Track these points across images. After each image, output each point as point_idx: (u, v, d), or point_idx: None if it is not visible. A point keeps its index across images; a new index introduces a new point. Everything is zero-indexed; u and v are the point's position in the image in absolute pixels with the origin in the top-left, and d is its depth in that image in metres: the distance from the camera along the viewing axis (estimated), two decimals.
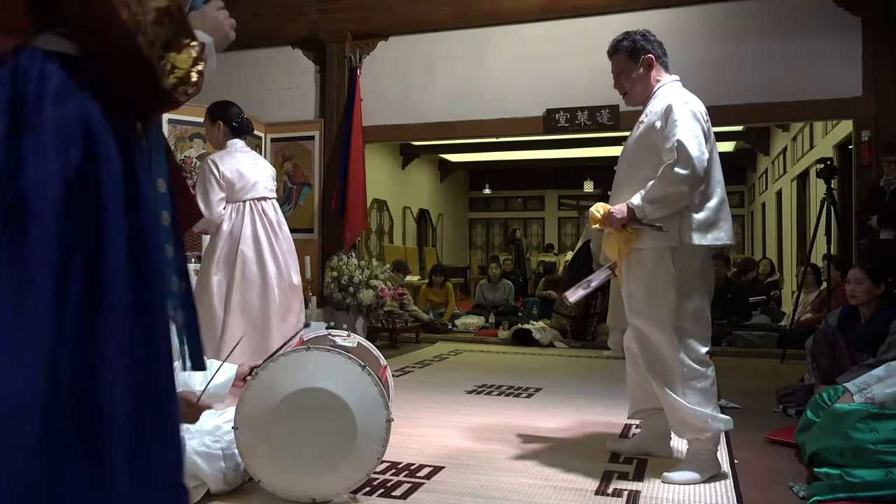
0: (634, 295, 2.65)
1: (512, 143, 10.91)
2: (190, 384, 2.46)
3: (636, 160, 2.67)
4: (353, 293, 6.33)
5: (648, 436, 2.86)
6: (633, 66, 2.72)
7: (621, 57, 2.76)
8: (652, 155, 2.58)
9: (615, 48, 2.78)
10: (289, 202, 7.19)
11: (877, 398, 2.54)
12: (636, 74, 2.72)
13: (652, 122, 2.61)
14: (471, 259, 16.79)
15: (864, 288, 3.55)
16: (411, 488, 2.41)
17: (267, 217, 3.51)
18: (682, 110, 2.52)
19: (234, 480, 2.30)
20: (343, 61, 7.03)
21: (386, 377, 2.62)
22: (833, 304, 5.49)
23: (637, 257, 2.61)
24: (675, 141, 2.47)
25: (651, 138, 2.59)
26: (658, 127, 2.56)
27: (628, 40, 2.76)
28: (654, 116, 2.61)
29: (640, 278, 2.62)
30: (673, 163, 2.45)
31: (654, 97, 2.71)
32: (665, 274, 2.55)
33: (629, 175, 2.68)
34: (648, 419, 2.86)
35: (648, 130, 2.62)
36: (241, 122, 3.58)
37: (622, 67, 2.75)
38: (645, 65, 2.72)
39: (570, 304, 2.80)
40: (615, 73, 2.79)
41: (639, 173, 2.62)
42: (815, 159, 6.17)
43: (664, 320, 2.55)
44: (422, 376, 4.91)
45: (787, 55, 5.87)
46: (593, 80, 6.39)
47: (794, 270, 9.04)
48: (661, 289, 2.56)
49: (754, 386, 4.45)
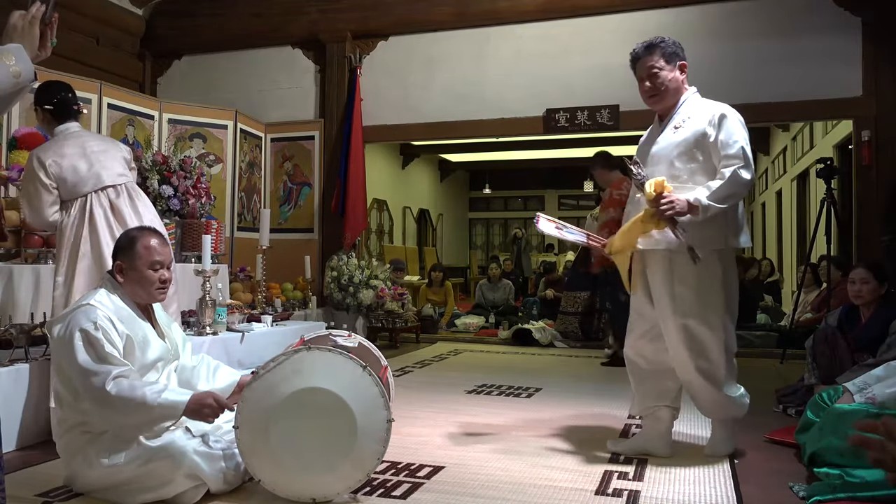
0: (683, 296, 2.72)
1: (512, 143, 10.90)
2: (192, 384, 2.48)
3: (679, 162, 2.72)
4: (353, 293, 6.33)
5: (650, 436, 2.89)
6: (668, 68, 2.77)
7: (656, 56, 2.77)
8: (697, 158, 2.70)
9: (649, 47, 2.79)
10: (289, 202, 7.19)
11: (877, 398, 2.54)
12: (672, 77, 2.77)
13: (699, 128, 2.69)
14: (471, 259, 16.79)
15: (870, 288, 3.55)
16: (411, 488, 2.41)
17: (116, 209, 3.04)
18: (736, 119, 2.69)
19: (235, 480, 2.30)
20: (343, 61, 7.03)
21: (387, 377, 2.62)
22: (833, 304, 5.49)
23: (683, 259, 2.66)
24: (740, 148, 2.61)
25: (699, 145, 2.69)
26: (709, 133, 2.66)
27: (665, 42, 2.79)
28: (698, 123, 2.70)
29: (688, 280, 2.70)
30: (740, 166, 2.57)
31: (683, 104, 2.80)
32: (713, 275, 2.71)
33: (670, 176, 2.69)
34: (649, 418, 2.90)
35: (696, 135, 2.69)
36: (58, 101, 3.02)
37: (657, 66, 2.76)
38: (679, 70, 2.79)
39: (538, 231, 2.77)
40: (646, 72, 2.78)
41: (680, 177, 2.70)
42: (815, 159, 6.17)
43: (716, 319, 2.71)
44: (422, 376, 4.91)
45: (787, 55, 5.87)
46: (593, 80, 6.41)
47: (794, 270, 9.04)
48: (710, 289, 2.71)
49: (754, 386, 4.43)
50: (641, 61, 2.80)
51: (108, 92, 5.70)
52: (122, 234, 2.51)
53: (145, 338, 2.35)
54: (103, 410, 2.15)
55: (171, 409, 2.15)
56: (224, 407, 2.21)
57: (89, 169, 3.02)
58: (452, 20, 6.75)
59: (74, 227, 3.00)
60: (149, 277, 2.36)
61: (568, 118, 6.47)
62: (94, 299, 2.29)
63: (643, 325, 2.89)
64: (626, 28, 6.35)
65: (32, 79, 1.45)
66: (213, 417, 2.21)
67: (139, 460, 2.16)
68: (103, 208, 3.03)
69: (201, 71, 7.59)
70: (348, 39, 7.02)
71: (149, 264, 2.36)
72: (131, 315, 2.34)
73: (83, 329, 2.18)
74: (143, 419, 2.16)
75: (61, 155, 2.99)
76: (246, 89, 7.31)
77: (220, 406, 2.20)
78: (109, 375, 2.13)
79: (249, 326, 4.33)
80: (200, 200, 4.69)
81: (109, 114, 5.68)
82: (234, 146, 6.67)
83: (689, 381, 2.79)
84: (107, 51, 7.16)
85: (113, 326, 2.23)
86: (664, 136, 2.79)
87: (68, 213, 3.01)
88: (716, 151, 2.65)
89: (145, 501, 2.19)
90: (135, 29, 7.51)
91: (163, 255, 2.40)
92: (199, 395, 2.20)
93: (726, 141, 2.63)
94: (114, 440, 2.20)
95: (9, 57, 1.40)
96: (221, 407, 2.20)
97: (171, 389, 2.23)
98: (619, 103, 6.26)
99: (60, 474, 2.37)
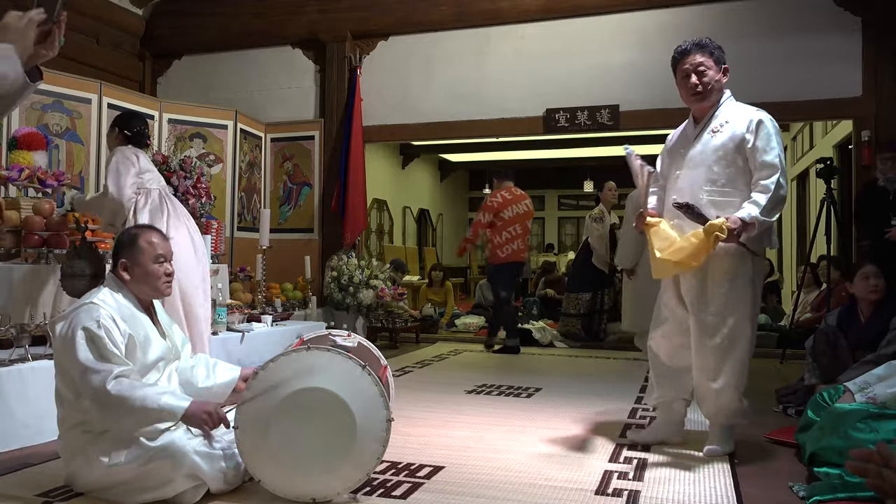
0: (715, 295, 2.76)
1: (512, 143, 10.90)
2: (193, 382, 2.48)
3: (717, 167, 2.76)
4: (353, 293, 6.33)
5: (665, 425, 3.02)
6: (715, 69, 2.82)
7: (706, 55, 2.81)
8: (736, 163, 2.74)
9: (700, 45, 2.82)
10: (289, 202, 7.20)
11: (878, 398, 2.54)
12: (717, 78, 2.82)
13: (738, 133, 2.73)
14: (471, 259, 16.77)
15: (884, 284, 3.57)
16: (411, 488, 2.41)
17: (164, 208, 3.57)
18: (773, 126, 2.74)
19: (235, 480, 2.30)
20: (343, 61, 7.04)
21: (386, 377, 2.62)
22: (833, 304, 5.49)
23: (716, 261, 2.72)
24: (776, 156, 2.67)
25: (738, 149, 2.73)
26: (747, 139, 2.71)
27: (713, 44, 2.85)
28: (737, 128, 2.75)
29: (722, 280, 2.75)
30: (780, 175, 2.64)
31: (721, 106, 2.85)
32: (747, 276, 2.77)
33: (707, 180, 2.76)
34: (664, 409, 3.03)
35: (735, 141, 2.73)
36: (137, 132, 3.63)
37: (706, 65, 2.80)
38: (723, 73, 2.85)
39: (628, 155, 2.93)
40: (693, 67, 2.80)
41: (718, 181, 2.75)
42: (815, 159, 6.17)
43: (749, 319, 2.77)
44: (422, 376, 4.91)
45: (787, 55, 5.87)
46: (593, 80, 6.41)
47: (794, 270, 9.04)
48: (742, 289, 2.76)
49: (754, 386, 4.43)
50: (690, 57, 2.82)
51: (107, 92, 5.70)
52: (122, 233, 2.55)
53: (147, 337, 2.35)
54: (102, 409, 2.15)
55: (170, 413, 2.16)
56: (222, 421, 2.21)
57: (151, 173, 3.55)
58: (452, 20, 6.75)
59: (137, 210, 3.46)
60: (154, 271, 2.39)
61: (568, 118, 6.47)
62: (97, 298, 2.29)
63: (670, 326, 2.95)
64: (626, 28, 6.36)
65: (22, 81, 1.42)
66: (211, 428, 2.21)
67: (139, 460, 2.16)
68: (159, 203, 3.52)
69: (201, 71, 7.59)
70: (348, 39, 7.02)
71: (153, 258, 2.39)
72: (133, 314, 2.35)
73: (86, 327, 2.19)
74: (141, 420, 2.16)
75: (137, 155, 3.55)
76: (246, 89, 7.31)
77: (219, 419, 2.20)
78: (111, 374, 2.13)
79: (249, 326, 4.34)
80: (201, 200, 4.69)
81: (109, 114, 5.66)
82: (234, 146, 6.67)
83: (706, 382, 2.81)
84: (107, 51, 7.16)
85: (115, 325, 2.24)
86: (702, 140, 2.82)
87: (142, 198, 3.48)
88: (752, 157, 2.70)
89: (145, 501, 2.19)
90: (135, 29, 7.51)
91: (165, 248, 2.45)
92: (199, 403, 2.21)
93: (764, 148, 2.68)
94: (114, 440, 2.20)
95: None
96: (219, 420, 2.21)
97: (172, 393, 2.23)
98: (619, 103, 6.26)
99: (60, 474, 2.37)
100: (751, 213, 2.60)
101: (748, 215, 2.60)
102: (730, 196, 2.72)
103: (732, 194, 2.73)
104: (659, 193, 3.00)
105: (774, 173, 2.64)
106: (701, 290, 2.78)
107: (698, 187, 2.78)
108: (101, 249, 3.45)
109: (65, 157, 5.35)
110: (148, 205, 3.49)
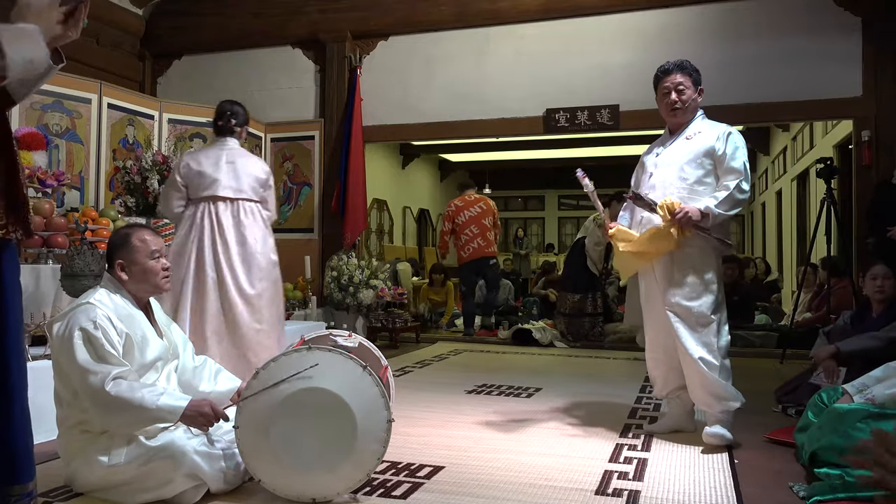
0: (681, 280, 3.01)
1: (512, 143, 10.90)
2: (194, 385, 2.48)
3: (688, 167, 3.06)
4: (353, 293, 6.33)
5: (678, 414, 3.20)
6: (693, 88, 3.13)
7: (685, 75, 3.12)
8: (704, 166, 3.04)
9: (681, 65, 3.15)
10: (289, 202, 7.20)
11: (876, 399, 2.54)
12: (694, 97, 3.13)
13: (709, 142, 3.04)
14: None
15: (892, 283, 3.59)
16: (411, 488, 2.41)
17: (219, 221, 3.48)
18: (740, 139, 3.05)
19: (235, 480, 2.30)
20: (343, 61, 7.04)
21: (387, 377, 2.62)
22: (833, 304, 5.50)
23: (685, 254, 3.01)
24: (742, 163, 2.99)
25: (708, 154, 3.04)
26: (717, 147, 3.02)
27: (692, 67, 3.16)
28: (708, 137, 3.05)
29: (685, 267, 3.02)
30: (742, 179, 2.95)
31: (695, 120, 3.16)
32: (711, 269, 3.04)
33: (679, 178, 3.06)
34: (673, 400, 3.22)
35: (706, 148, 3.05)
36: (217, 125, 3.68)
37: (685, 84, 3.11)
38: (699, 92, 3.16)
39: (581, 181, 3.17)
40: (674, 86, 3.12)
41: (688, 179, 3.05)
42: (815, 159, 6.17)
43: (715, 307, 3.01)
44: (422, 376, 4.91)
45: (787, 55, 5.88)
46: (593, 80, 6.41)
47: (794, 270, 9.04)
48: (710, 281, 3.02)
49: (754, 386, 4.44)
50: (672, 76, 3.12)
51: (107, 92, 5.70)
52: (114, 234, 2.55)
53: (144, 337, 2.35)
54: (101, 410, 2.15)
55: (169, 413, 2.16)
56: (220, 417, 2.22)
57: (211, 177, 3.47)
58: (452, 20, 6.76)
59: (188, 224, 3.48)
60: (152, 268, 2.40)
61: (568, 118, 6.47)
62: (94, 298, 2.29)
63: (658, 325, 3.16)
64: (626, 28, 6.36)
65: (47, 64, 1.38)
66: (208, 426, 2.22)
67: (139, 460, 2.16)
68: (210, 217, 3.47)
69: (201, 71, 7.59)
70: (348, 39, 7.02)
71: (148, 254, 2.40)
72: (131, 314, 2.35)
73: (83, 328, 2.19)
74: (140, 421, 2.17)
75: (198, 161, 3.53)
76: (246, 89, 7.30)
77: (216, 416, 2.21)
78: (109, 375, 2.13)
79: None
80: None
81: (109, 114, 5.68)
82: None
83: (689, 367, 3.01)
84: (107, 50, 7.16)
85: (112, 326, 2.23)
86: (676, 144, 3.14)
87: (191, 210, 3.49)
88: (720, 163, 3.02)
89: (145, 501, 2.19)
90: (135, 29, 7.51)
91: (158, 244, 2.45)
92: (197, 402, 2.20)
93: (731, 155, 3.00)
94: (114, 440, 2.20)
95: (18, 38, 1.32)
96: (217, 416, 2.21)
97: (170, 394, 2.23)
98: (619, 103, 6.26)
99: (60, 474, 2.37)
100: (707, 206, 2.93)
101: (705, 206, 2.93)
102: (698, 195, 3.01)
103: (701, 193, 3.02)
104: (630, 207, 3.28)
105: (738, 178, 2.95)
106: (669, 278, 3.04)
107: (669, 184, 3.07)
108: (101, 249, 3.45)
109: (65, 157, 5.35)
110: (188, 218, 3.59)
